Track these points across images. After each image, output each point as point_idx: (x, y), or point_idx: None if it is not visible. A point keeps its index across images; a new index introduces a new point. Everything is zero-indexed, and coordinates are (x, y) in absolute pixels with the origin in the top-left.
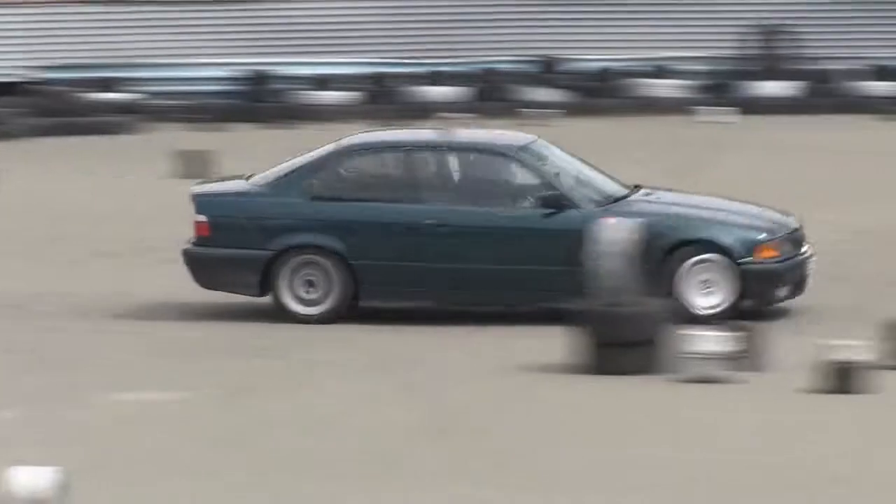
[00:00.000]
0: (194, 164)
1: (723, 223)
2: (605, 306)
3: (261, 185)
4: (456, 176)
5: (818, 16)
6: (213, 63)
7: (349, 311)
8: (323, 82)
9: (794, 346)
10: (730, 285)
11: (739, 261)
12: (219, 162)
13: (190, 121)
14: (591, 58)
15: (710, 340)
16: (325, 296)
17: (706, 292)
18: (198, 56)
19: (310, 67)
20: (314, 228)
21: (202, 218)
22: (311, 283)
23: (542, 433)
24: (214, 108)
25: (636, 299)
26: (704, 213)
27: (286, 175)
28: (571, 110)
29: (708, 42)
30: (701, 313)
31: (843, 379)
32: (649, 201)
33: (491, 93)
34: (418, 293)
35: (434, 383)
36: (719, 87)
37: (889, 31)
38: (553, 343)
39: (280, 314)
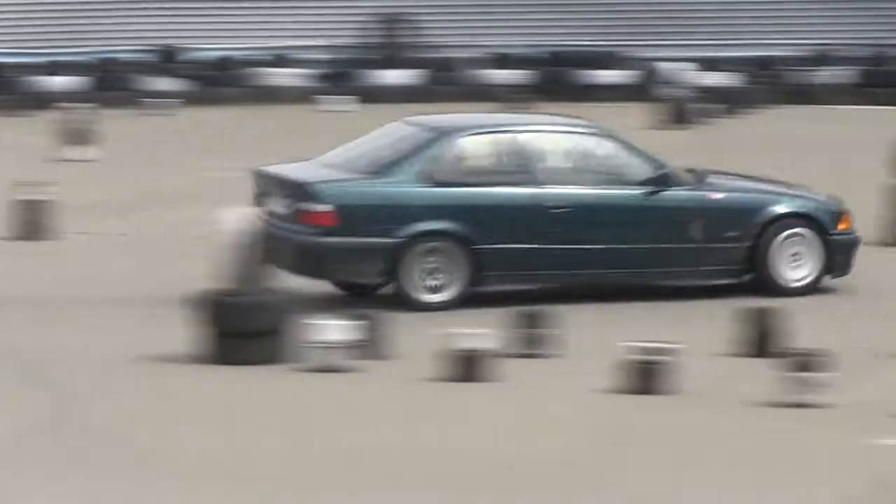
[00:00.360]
0: None
1: (807, 198)
2: (227, 296)
3: (371, 172)
4: (565, 157)
5: (438, 4)
6: None
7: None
8: None
9: (423, 334)
10: (816, 257)
11: (830, 233)
12: None
13: None
14: (211, 47)
15: (334, 329)
16: (450, 283)
17: (795, 265)
18: None
19: None
20: (441, 215)
21: (327, 207)
22: (435, 271)
23: (162, 424)
24: None
25: (259, 289)
26: (786, 189)
27: (396, 161)
28: (191, 99)
29: (328, 31)
30: (791, 286)
31: (466, 367)
32: (728, 178)
33: (111, 82)
34: (541, 276)
35: (53, 374)
36: (340, 76)
37: (508, 19)
38: (178, 332)
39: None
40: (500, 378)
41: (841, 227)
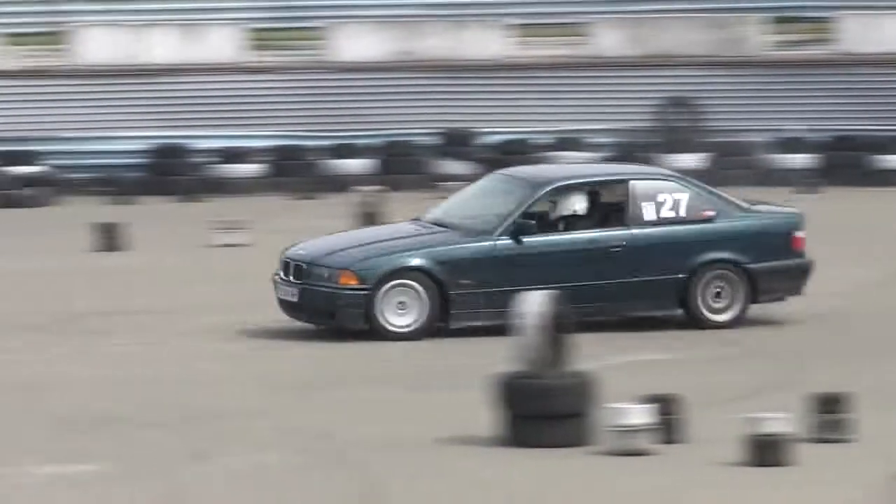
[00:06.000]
0: (108, 238)
1: None
2: (526, 378)
3: None
4: None
5: (724, 88)
6: (123, 136)
7: None
8: (233, 155)
9: (717, 418)
10: None
11: None
12: (130, 235)
13: (98, 194)
14: (499, 130)
15: (634, 413)
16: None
17: None
18: (109, 129)
19: (219, 140)
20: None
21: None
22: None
23: None
24: (123, 181)
25: (558, 371)
26: None
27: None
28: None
29: (615, 115)
30: None
31: (764, 452)
32: None
33: (399, 165)
34: None
35: (357, 457)
36: (626, 160)
37: (796, 102)
38: (474, 414)
39: None
40: (797, 463)
41: None
